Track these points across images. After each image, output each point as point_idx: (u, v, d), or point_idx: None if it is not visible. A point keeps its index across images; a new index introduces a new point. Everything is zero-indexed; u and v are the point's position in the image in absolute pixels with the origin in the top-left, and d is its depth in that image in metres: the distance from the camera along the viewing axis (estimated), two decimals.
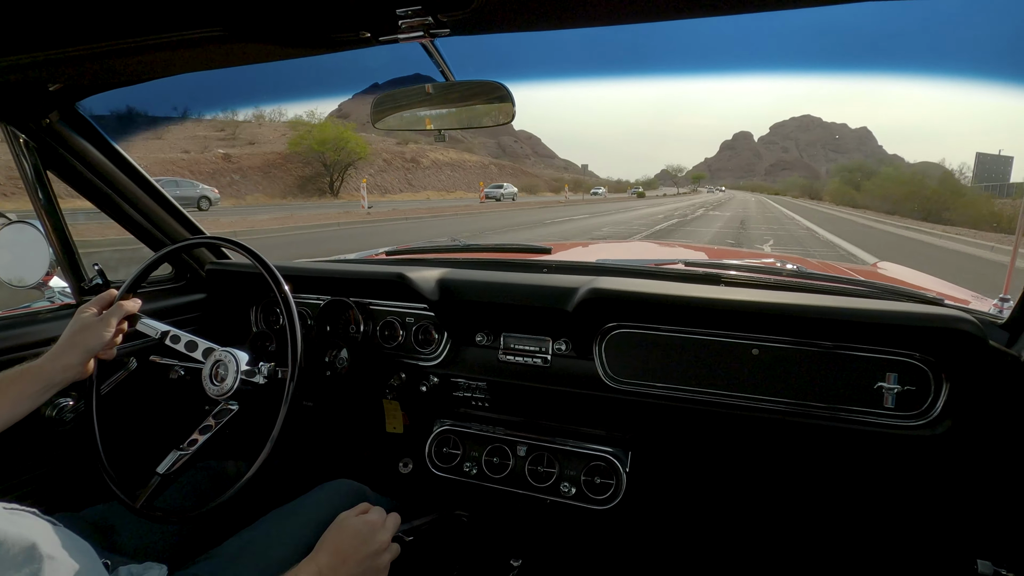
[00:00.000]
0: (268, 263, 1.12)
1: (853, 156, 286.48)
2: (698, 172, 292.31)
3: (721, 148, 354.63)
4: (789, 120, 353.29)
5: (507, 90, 0.95)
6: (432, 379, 1.36)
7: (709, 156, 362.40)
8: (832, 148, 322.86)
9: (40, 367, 0.95)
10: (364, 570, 0.85)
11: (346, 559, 0.83)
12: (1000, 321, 1.08)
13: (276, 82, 17.83)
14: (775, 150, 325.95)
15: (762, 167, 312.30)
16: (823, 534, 1.35)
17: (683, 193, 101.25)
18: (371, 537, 0.87)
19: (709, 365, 1.17)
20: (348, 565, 0.83)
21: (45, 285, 1.31)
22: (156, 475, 1.00)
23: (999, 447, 1.06)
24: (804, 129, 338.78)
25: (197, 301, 1.56)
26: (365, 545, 0.86)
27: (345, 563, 0.83)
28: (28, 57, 0.87)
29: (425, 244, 1.81)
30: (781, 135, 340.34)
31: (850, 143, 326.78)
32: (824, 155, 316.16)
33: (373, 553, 0.86)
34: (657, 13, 0.76)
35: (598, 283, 1.21)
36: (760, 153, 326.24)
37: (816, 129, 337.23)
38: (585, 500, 1.26)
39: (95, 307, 1.03)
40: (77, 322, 1.00)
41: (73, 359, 0.97)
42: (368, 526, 0.88)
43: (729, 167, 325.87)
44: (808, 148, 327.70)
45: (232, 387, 1.06)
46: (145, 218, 1.42)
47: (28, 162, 1.20)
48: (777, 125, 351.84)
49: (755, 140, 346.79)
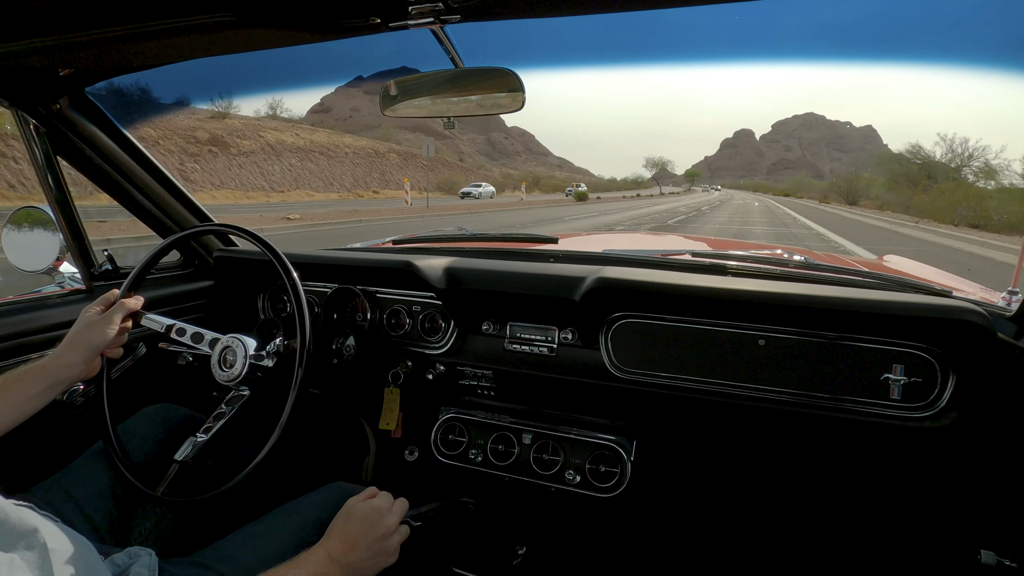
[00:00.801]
0: (278, 250, 1.12)
1: (857, 155, 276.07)
2: (693, 170, 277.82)
3: (722, 146, 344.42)
4: (792, 118, 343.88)
5: (517, 77, 0.95)
6: (438, 367, 1.36)
7: (709, 154, 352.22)
8: (836, 147, 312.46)
9: (44, 366, 0.96)
10: (374, 553, 0.86)
11: (355, 544, 0.84)
12: (1009, 314, 1.08)
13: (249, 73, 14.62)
14: (778, 148, 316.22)
15: (764, 166, 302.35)
16: (828, 524, 1.36)
17: (671, 194, 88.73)
18: (379, 521, 0.88)
19: (715, 355, 1.17)
20: (358, 550, 0.84)
21: (55, 270, 1.33)
22: (174, 463, 1.01)
23: (1004, 439, 1.06)
24: (807, 127, 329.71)
25: (205, 288, 1.57)
26: (373, 529, 0.87)
27: (355, 548, 0.84)
28: (38, 42, 0.87)
29: (432, 233, 1.81)
30: (784, 133, 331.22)
31: (854, 141, 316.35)
32: (828, 153, 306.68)
33: (382, 536, 0.88)
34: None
35: (605, 272, 1.21)
36: (762, 151, 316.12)
37: (819, 127, 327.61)
38: (589, 488, 1.27)
39: (99, 306, 1.04)
40: (81, 321, 1.02)
41: (77, 357, 0.98)
42: (375, 511, 0.89)
43: (730, 166, 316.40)
44: (811, 146, 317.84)
45: (241, 372, 1.07)
46: (154, 205, 1.43)
47: (38, 148, 1.21)
48: (779, 123, 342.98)
49: (757, 138, 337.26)
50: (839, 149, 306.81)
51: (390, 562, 0.89)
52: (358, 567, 0.84)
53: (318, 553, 0.82)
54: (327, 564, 0.80)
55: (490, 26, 0.84)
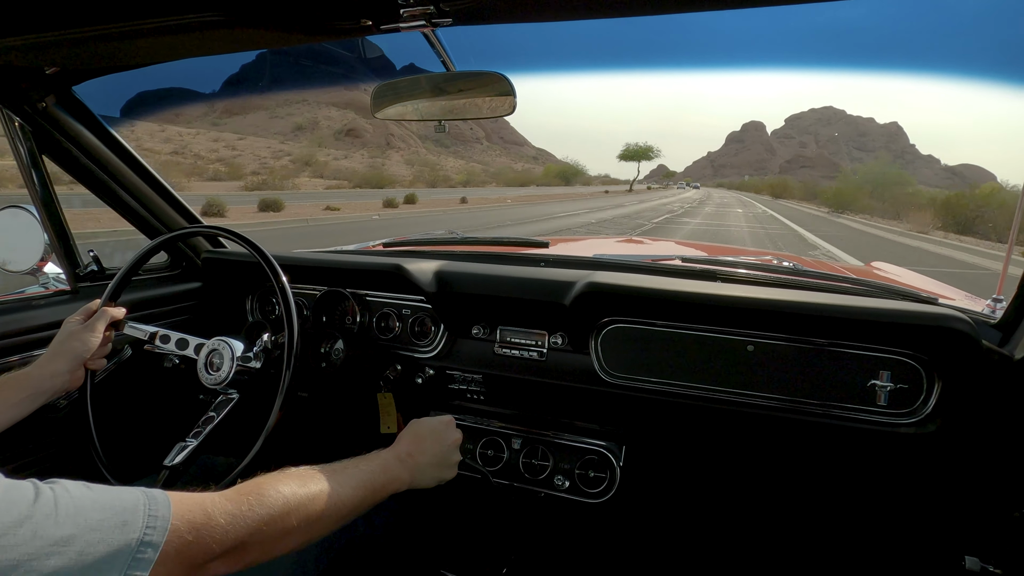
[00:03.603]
0: (266, 252, 1.11)
1: (881, 155, 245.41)
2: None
3: (727, 141, 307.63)
4: (808, 112, 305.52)
5: (508, 81, 0.95)
6: (428, 371, 1.36)
7: (713, 150, 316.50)
8: (857, 145, 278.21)
9: (27, 375, 0.95)
10: (439, 461, 0.93)
11: (423, 448, 0.91)
12: (993, 321, 1.09)
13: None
14: (791, 145, 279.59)
15: (776, 163, 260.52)
16: (814, 529, 1.36)
17: (609, 194, 66.19)
18: (446, 431, 0.96)
19: (704, 361, 1.17)
20: (425, 454, 0.90)
21: (39, 271, 1.31)
22: (164, 468, 1.00)
23: (989, 445, 1.07)
24: (825, 122, 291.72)
25: (192, 290, 1.55)
26: (442, 438, 0.94)
27: (423, 451, 0.90)
28: (25, 39, 0.86)
29: (422, 236, 1.81)
30: (798, 128, 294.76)
31: (878, 140, 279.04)
32: (847, 152, 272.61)
33: (450, 447, 0.95)
34: (660, 6, 0.76)
35: (595, 277, 1.21)
36: (773, 148, 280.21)
37: (839, 123, 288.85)
38: (579, 493, 1.26)
39: (81, 316, 1.04)
40: (63, 331, 1.01)
41: (61, 367, 0.98)
42: (443, 423, 0.97)
43: (735, 163, 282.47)
44: (829, 144, 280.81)
45: (228, 375, 1.05)
46: (141, 205, 1.41)
47: (23, 146, 1.19)
48: (793, 118, 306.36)
49: (768, 133, 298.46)
50: (860, 148, 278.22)
51: (451, 475, 0.95)
52: (424, 471, 0.89)
53: (387, 453, 0.87)
54: (395, 463, 0.85)
55: (482, 29, 0.84)
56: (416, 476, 0.88)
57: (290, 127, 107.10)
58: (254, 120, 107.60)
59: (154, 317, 1.41)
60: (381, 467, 0.83)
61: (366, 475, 0.80)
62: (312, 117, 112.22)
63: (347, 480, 0.76)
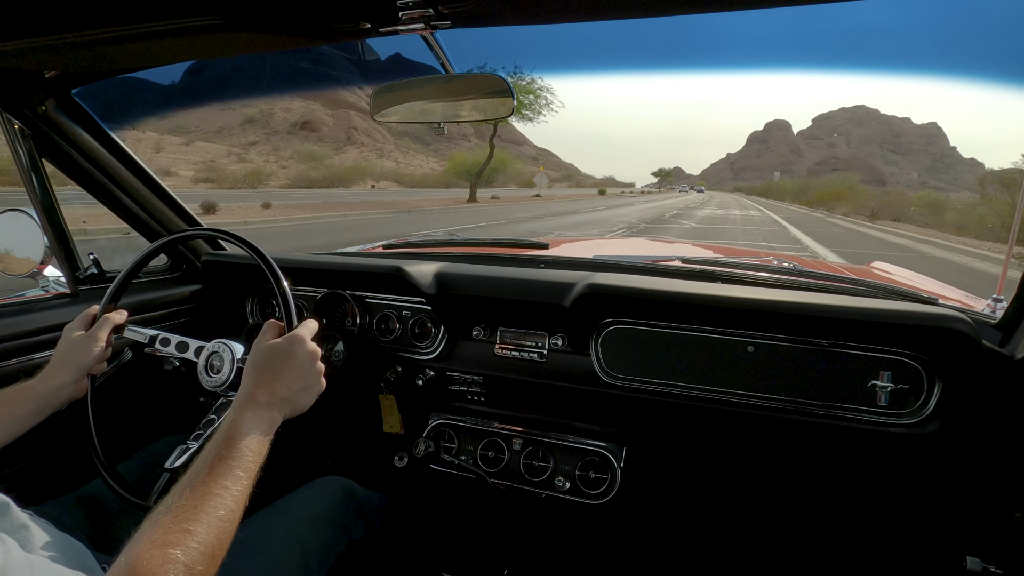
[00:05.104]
0: (266, 255, 1.11)
1: (918, 158, 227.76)
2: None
3: (749, 142, 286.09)
4: (838, 111, 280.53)
5: (507, 83, 0.95)
6: (428, 373, 1.36)
7: (732, 151, 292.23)
8: (891, 148, 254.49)
9: (32, 387, 0.94)
10: (302, 383, 0.82)
11: (277, 376, 0.80)
12: (993, 321, 1.09)
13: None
14: (820, 146, 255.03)
15: (803, 166, 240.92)
16: (815, 529, 1.36)
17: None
18: (292, 347, 0.83)
19: (704, 361, 1.17)
20: (282, 381, 0.80)
21: (39, 274, 1.31)
22: (165, 471, 1.00)
23: (989, 445, 1.07)
24: (857, 122, 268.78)
25: (193, 293, 1.55)
26: (293, 357, 0.83)
27: (278, 379, 0.80)
28: (24, 43, 0.86)
29: (423, 238, 1.81)
30: (827, 129, 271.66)
31: (915, 142, 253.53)
32: (882, 155, 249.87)
33: (306, 360, 0.84)
34: (658, 8, 0.76)
35: (595, 279, 1.21)
36: (800, 149, 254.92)
37: (872, 123, 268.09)
38: (579, 494, 1.26)
39: (82, 324, 1.03)
40: (65, 341, 1.00)
41: (66, 378, 0.97)
42: (286, 340, 0.84)
43: (757, 165, 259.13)
44: (862, 145, 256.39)
45: (229, 378, 1.05)
46: (141, 208, 1.41)
47: (23, 149, 1.19)
48: (821, 117, 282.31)
49: (793, 133, 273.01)
50: (895, 151, 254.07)
51: (322, 386, 0.86)
52: (292, 399, 0.81)
53: (240, 410, 0.76)
54: (253, 415, 0.75)
55: (481, 31, 0.84)
56: (286, 408, 0.80)
57: (239, 120, 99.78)
58: (203, 113, 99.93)
59: (154, 320, 1.41)
60: (246, 432, 0.72)
61: (239, 463, 0.69)
62: (267, 108, 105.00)
63: (230, 492, 0.67)
